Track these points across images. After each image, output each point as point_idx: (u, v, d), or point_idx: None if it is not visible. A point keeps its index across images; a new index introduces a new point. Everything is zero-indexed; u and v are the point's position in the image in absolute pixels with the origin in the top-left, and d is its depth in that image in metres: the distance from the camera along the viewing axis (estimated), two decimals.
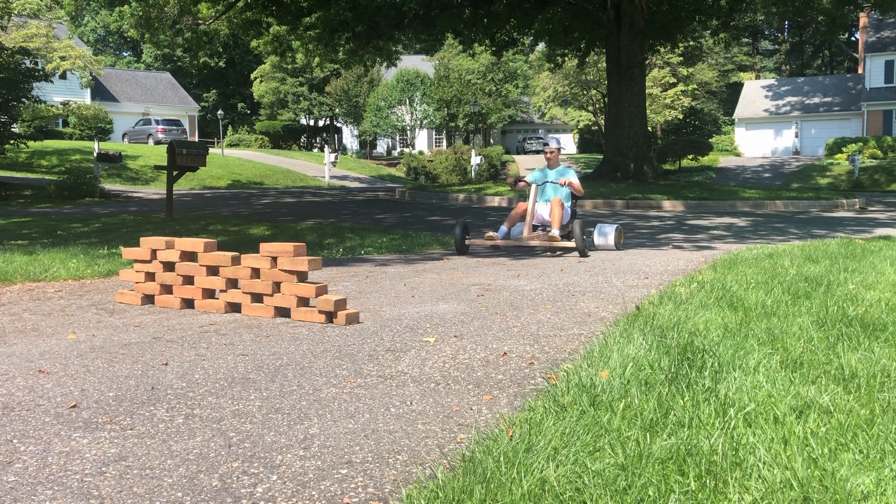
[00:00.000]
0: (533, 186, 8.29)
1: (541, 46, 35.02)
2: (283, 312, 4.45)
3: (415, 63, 48.81)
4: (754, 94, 49.47)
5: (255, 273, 4.48)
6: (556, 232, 8.01)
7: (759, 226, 12.64)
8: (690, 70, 47.21)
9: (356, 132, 55.10)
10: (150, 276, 4.90)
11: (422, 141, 51.75)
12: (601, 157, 28.46)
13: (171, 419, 2.65)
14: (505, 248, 8.42)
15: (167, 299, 4.85)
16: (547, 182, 8.47)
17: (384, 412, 2.73)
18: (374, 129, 49.51)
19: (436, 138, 54.29)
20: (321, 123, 57.09)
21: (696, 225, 12.75)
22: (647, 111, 29.16)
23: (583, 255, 7.69)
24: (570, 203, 8.42)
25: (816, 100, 47.06)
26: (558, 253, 8.12)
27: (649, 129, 36.08)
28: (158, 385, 3.06)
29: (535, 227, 8.34)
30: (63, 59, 35.31)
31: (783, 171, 35.96)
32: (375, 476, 2.17)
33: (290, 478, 2.15)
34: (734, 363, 3.12)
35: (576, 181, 8.39)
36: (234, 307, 4.63)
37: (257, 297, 4.54)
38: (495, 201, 18.41)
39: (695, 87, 47.87)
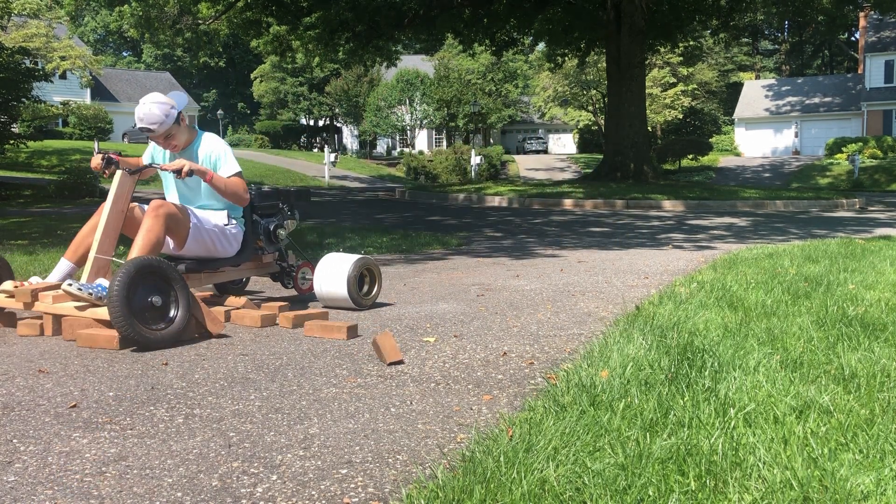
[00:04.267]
0: (119, 176, 4.23)
1: (541, 46, 34.99)
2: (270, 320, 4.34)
3: (415, 63, 48.80)
4: (754, 94, 49.47)
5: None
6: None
7: (759, 226, 12.64)
8: (690, 70, 47.19)
9: (356, 132, 55.09)
10: None
11: (422, 141, 51.74)
12: (601, 157, 28.45)
13: (171, 419, 2.65)
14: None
15: None
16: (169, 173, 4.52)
17: (384, 412, 2.73)
18: (374, 129, 49.51)
19: (436, 138, 54.28)
20: (321, 123, 57.09)
21: (697, 225, 12.75)
22: (647, 111, 29.16)
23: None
24: (218, 207, 4.60)
25: (816, 100, 47.07)
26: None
27: (649, 129, 36.05)
28: (158, 385, 3.06)
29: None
30: (63, 59, 35.29)
31: (783, 171, 35.96)
32: (375, 476, 2.17)
33: (290, 478, 2.15)
34: (734, 363, 3.12)
35: (227, 169, 4.49)
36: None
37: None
38: (495, 201, 18.41)
39: (695, 87, 47.87)
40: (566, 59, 29.26)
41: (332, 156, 33.33)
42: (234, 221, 4.65)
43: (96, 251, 4.06)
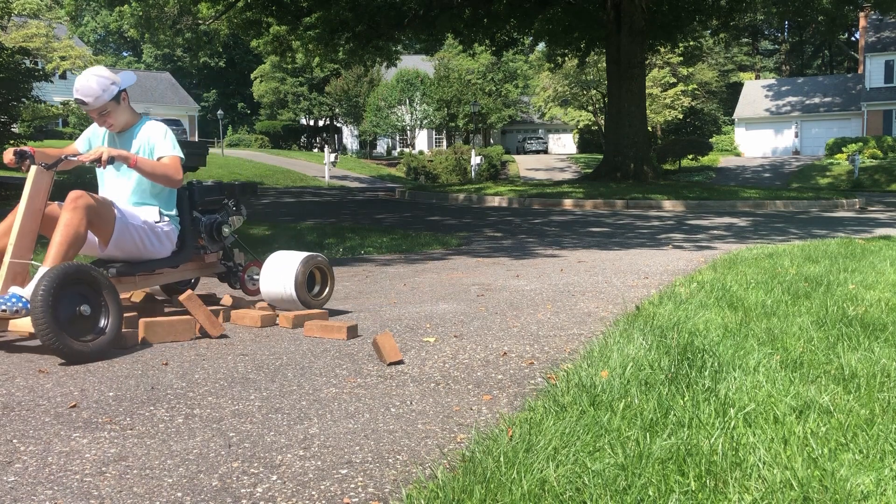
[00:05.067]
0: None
1: (541, 46, 35.02)
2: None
3: (415, 63, 48.81)
4: (754, 94, 49.49)
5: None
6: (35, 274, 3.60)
7: (759, 226, 12.64)
8: (690, 70, 47.22)
9: (356, 132, 55.11)
10: None
11: (422, 141, 51.75)
12: (601, 157, 28.46)
13: (171, 419, 2.65)
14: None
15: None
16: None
17: (384, 412, 2.73)
18: (374, 129, 49.52)
19: (436, 138, 54.29)
20: (321, 123, 57.10)
21: (697, 225, 12.75)
22: (647, 111, 29.17)
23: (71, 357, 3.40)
24: (150, 203, 4.26)
25: (816, 100, 47.09)
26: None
27: (649, 129, 36.07)
28: (158, 385, 3.06)
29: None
30: (63, 59, 35.30)
31: (783, 171, 35.97)
32: (375, 476, 2.17)
33: (290, 478, 2.15)
34: (734, 363, 3.12)
35: (160, 151, 4.18)
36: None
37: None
38: (495, 201, 18.41)
39: (695, 87, 47.89)
40: (566, 59, 29.28)
41: (332, 156, 33.35)
42: (166, 219, 4.27)
43: (11, 255, 3.64)
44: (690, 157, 37.74)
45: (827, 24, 32.56)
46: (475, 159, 35.32)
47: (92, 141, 4.39)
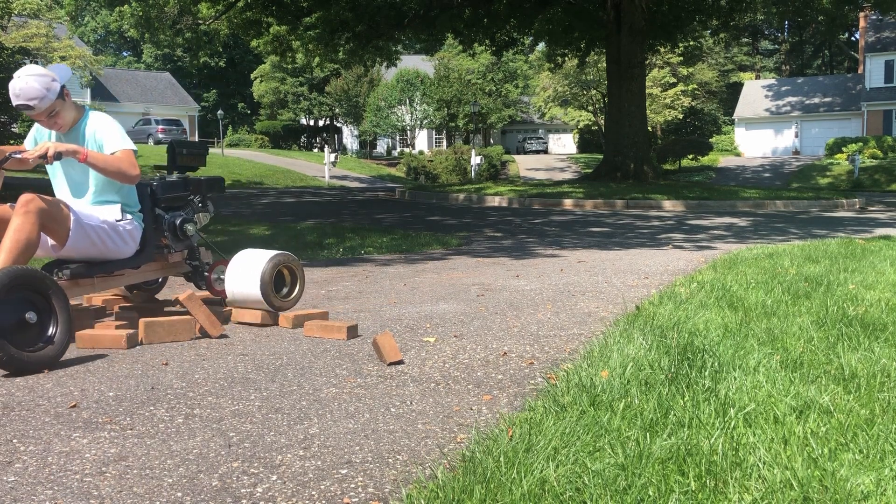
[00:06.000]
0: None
1: (541, 46, 35.03)
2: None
3: (415, 63, 48.80)
4: (754, 94, 49.49)
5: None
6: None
7: (759, 226, 12.64)
8: (690, 70, 47.22)
9: (356, 132, 55.11)
10: None
11: (422, 141, 51.75)
12: (601, 157, 28.46)
13: (171, 419, 2.65)
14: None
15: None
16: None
17: (384, 412, 2.73)
18: (374, 129, 49.53)
19: (436, 138, 54.29)
20: (321, 123, 57.10)
21: (697, 225, 12.75)
22: (647, 111, 29.16)
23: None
24: (112, 201, 4.06)
25: (816, 100, 47.09)
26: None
27: (649, 129, 36.08)
28: (158, 385, 3.06)
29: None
30: (63, 59, 35.28)
31: (783, 171, 35.97)
32: (375, 476, 2.17)
33: (290, 478, 2.15)
34: (734, 363, 3.12)
35: (112, 145, 3.92)
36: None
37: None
38: (495, 201, 18.40)
39: (695, 87, 47.89)
40: (566, 59, 29.27)
41: (332, 156, 33.35)
42: (129, 216, 4.02)
43: None
44: (690, 157, 37.75)
45: (827, 24, 32.58)
46: (475, 159, 35.33)
47: (38, 139, 4.12)
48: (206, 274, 4.56)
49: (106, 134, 3.92)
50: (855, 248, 7.68)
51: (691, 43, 31.66)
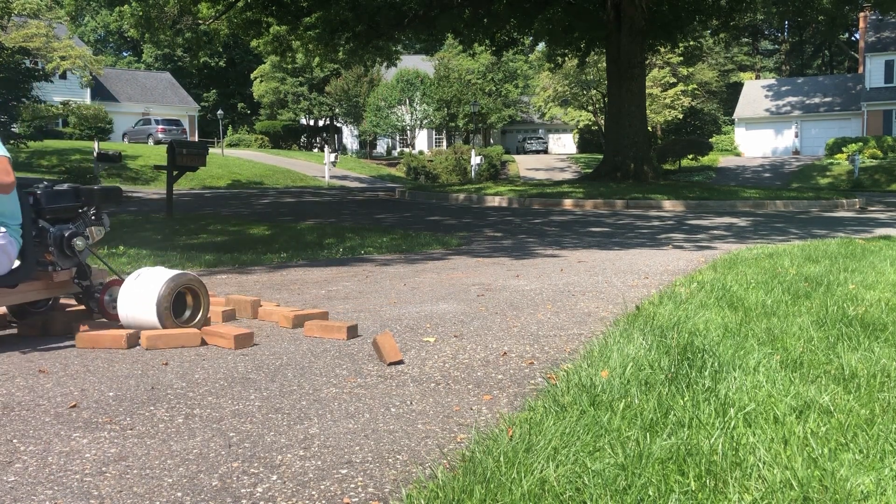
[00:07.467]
0: None
1: (541, 46, 35.04)
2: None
3: (415, 63, 48.80)
4: (754, 93, 49.48)
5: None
6: None
7: (759, 226, 12.64)
8: (690, 70, 47.23)
9: (356, 132, 55.11)
10: None
11: (422, 141, 51.74)
12: (601, 157, 28.45)
13: (171, 419, 2.65)
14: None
15: None
16: None
17: (384, 412, 2.73)
18: (374, 129, 49.52)
19: (436, 138, 54.28)
20: (321, 123, 57.09)
21: (697, 225, 12.75)
22: (647, 111, 29.16)
23: None
24: None
25: (817, 100, 47.09)
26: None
27: (649, 129, 36.05)
28: (158, 385, 3.06)
29: None
30: (63, 58, 35.30)
31: (783, 170, 35.97)
32: (375, 476, 2.17)
33: (290, 478, 2.15)
34: (734, 363, 3.12)
35: None
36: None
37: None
38: (495, 201, 18.40)
39: (695, 87, 47.90)
40: (566, 59, 29.28)
41: (332, 156, 33.34)
42: (3, 230, 3.61)
43: None
44: (690, 156, 37.75)
45: (827, 24, 32.59)
46: (475, 159, 35.33)
47: None
48: (96, 295, 4.05)
49: None
50: (855, 248, 7.68)
51: (691, 43, 31.68)
